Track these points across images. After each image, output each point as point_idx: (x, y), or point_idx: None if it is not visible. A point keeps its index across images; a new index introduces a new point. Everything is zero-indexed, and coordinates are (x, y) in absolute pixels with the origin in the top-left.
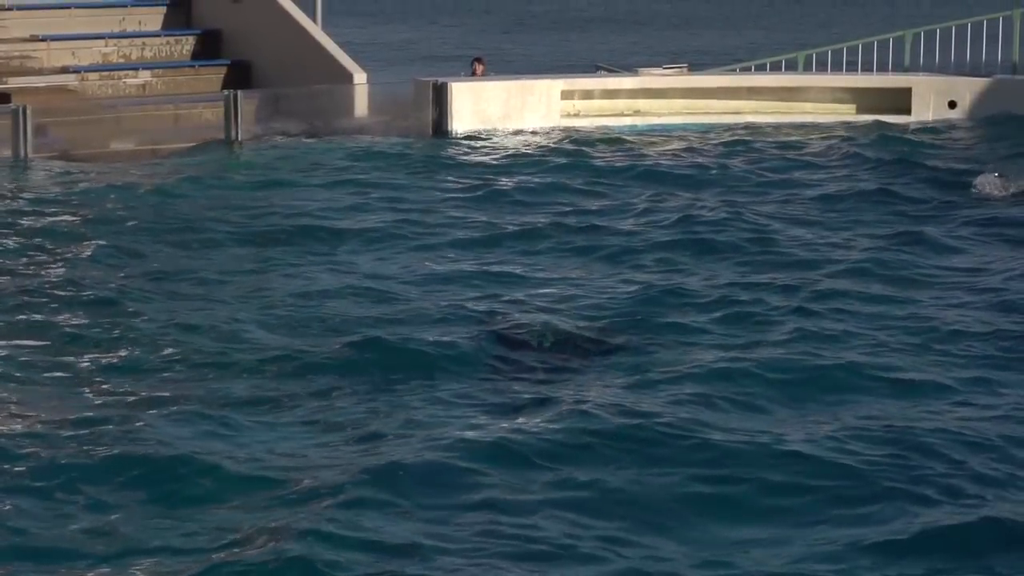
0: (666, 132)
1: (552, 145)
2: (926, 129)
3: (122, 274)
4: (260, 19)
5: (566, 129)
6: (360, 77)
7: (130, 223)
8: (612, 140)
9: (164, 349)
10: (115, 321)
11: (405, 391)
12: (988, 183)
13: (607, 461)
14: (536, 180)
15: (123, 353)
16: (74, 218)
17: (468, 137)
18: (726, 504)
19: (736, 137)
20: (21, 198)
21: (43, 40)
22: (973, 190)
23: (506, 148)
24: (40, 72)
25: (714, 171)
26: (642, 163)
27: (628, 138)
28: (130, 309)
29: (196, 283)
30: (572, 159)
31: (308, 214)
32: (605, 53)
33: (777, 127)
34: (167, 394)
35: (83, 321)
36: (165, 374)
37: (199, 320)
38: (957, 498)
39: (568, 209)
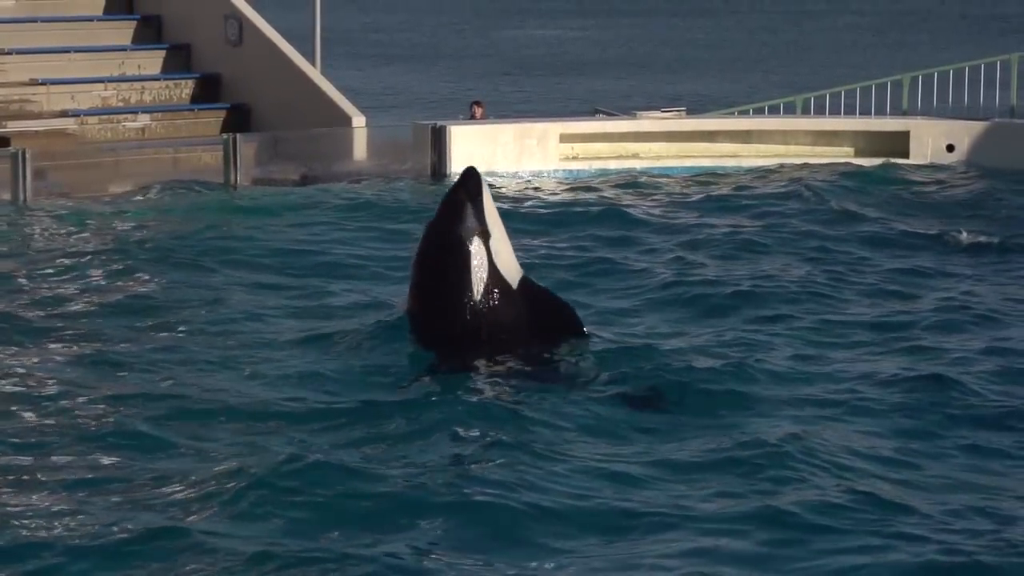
0: (664, 175)
1: (550, 188)
2: (922, 173)
3: (119, 318)
4: (259, 63)
5: (564, 172)
6: (359, 120)
7: (128, 267)
8: (610, 183)
9: (159, 393)
10: (110, 367)
11: (389, 435)
12: (965, 232)
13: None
14: (533, 223)
15: (119, 399)
16: (72, 261)
17: None
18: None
19: (733, 180)
20: (20, 242)
21: (42, 84)
22: (951, 238)
23: (504, 191)
24: (39, 116)
25: (710, 214)
26: (639, 207)
27: (626, 181)
28: (126, 355)
29: (194, 327)
30: (570, 203)
31: (307, 257)
32: (603, 96)
33: (774, 170)
34: (163, 436)
35: (84, 365)
36: (160, 419)
37: (195, 365)
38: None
39: (564, 253)
